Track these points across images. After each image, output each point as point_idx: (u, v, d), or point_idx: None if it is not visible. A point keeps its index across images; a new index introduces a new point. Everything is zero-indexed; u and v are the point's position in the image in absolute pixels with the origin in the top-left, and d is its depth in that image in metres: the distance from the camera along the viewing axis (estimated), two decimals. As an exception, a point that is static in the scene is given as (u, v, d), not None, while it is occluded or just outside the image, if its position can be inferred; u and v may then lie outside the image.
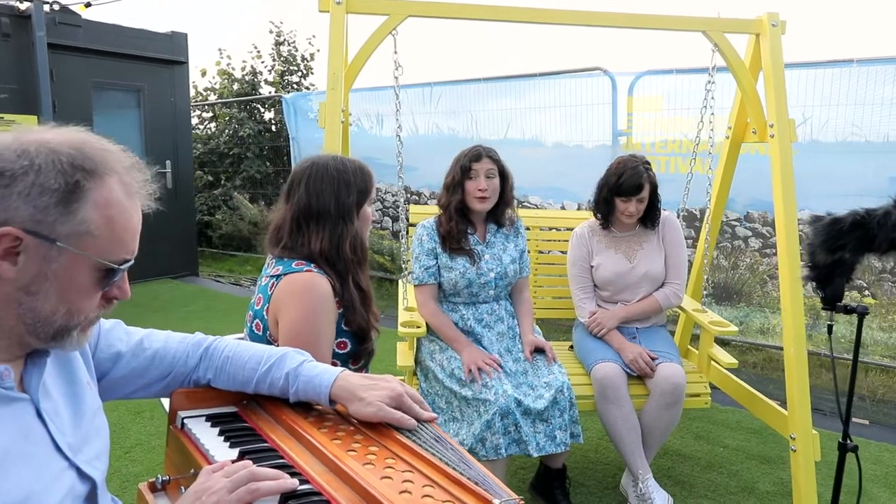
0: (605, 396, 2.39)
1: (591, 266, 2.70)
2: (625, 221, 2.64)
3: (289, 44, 9.06)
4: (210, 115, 9.14)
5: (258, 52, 9.02)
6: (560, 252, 3.11)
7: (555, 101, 5.13)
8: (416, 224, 2.60)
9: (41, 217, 0.82)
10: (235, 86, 8.89)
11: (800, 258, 2.36)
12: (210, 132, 9.00)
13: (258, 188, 8.40)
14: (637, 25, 2.60)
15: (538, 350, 2.45)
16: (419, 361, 2.52)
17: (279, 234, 1.66)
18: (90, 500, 0.95)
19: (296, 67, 9.13)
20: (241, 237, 8.17)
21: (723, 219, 3.61)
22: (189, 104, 7.29)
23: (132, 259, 0.91)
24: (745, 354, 4.42)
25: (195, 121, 8.92)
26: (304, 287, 1.54)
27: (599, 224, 2.70)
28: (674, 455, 3.01)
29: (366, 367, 1.72)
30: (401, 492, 0.84)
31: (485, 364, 2.27)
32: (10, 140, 0.84)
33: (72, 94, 5.99)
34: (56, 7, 5.80)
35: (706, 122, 2.87)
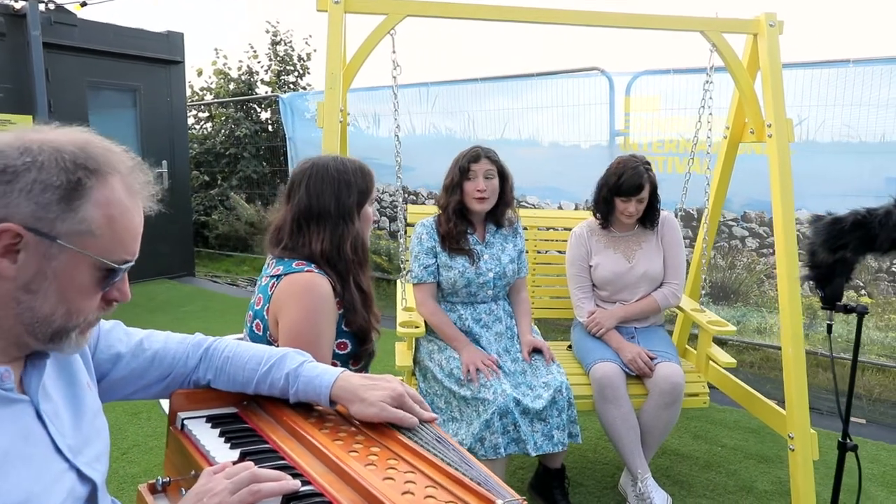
0: (604, 396, 2.39)
1: (590, 266, 2.70)
2: (624, 221, 2.65)
3: (285, 43, 9.04)
4: (206, 115, 9.12)
5: (255, 52, 9.00)
6: (558, 252, 3.11)
7: (552, 101, 5.13)
8: (414, 224, 2.60)
9: (42, 214, 0.81)
10: (232, 86, 8.86)
11: (797, 258, 2.37)
12: (206, 132, 8.98)
13: (255, 188, 8.39)
14: (635, 25, 2.60)
15: (536, 350, 2.45)
16: (418, 361, 2.52)
17: (280, 235, 1.65)
18: (90, 502, 0.95)
19: (292, 67, 9.12)
20: (238, 237, 8.15)
21: (720, 218, 3.61)
22: (185, 104, 7.28)
23: (133, 260, 0.91)
24: (742, 354, 4.43)
25: (191, 121, 8.91)
26: (305, 287, 1.53)
27: (598, 224, 2.71)
28: (672, 454, 3.01)
29: (366, 368, 1.72)
30: (403, 493, 0.83)
31: (483, 364, 2.27)
32: (13, 138, 0.83)
33: (67, 94, 5.96)
34: (51, 6, 5.76)
35: (704, 122, 2.88)
